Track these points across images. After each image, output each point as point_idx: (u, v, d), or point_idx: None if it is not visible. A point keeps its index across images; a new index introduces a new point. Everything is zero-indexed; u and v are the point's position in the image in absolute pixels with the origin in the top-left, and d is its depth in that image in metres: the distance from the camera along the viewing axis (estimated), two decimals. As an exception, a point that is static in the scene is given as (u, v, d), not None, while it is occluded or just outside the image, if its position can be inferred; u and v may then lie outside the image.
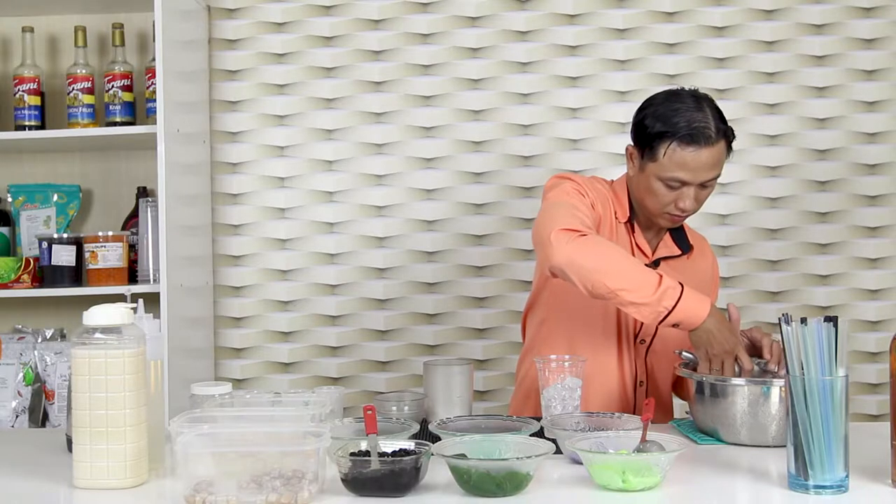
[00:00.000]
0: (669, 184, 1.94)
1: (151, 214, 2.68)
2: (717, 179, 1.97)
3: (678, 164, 1.91)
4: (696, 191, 1.95)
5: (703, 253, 2.17)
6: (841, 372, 1.41)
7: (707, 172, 1.93)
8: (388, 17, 2.88)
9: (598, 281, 1.82)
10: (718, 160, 1.93)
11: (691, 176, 1.92)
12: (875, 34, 2.82)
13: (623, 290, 1.80)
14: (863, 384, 2.81)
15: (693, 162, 1.91)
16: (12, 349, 2.61)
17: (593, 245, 1.85)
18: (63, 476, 1.55)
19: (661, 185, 1.95)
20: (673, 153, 1.91)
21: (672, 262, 2.07)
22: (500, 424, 1.71)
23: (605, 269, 1.82)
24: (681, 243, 2.10)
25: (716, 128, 1.92)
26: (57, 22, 2.90)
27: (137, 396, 1.51)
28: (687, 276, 1.99)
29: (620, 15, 2.85)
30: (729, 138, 1.95)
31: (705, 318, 1.81)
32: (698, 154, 1.90)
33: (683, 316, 1.81)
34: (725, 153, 1.95)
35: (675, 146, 1.91)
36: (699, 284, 1.99)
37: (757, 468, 1.57)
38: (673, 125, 1.91)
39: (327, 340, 2.89)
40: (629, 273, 1.82)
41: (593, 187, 2.05)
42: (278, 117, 2.90)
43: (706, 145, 1.90)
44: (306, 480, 1.39)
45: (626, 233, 2.06)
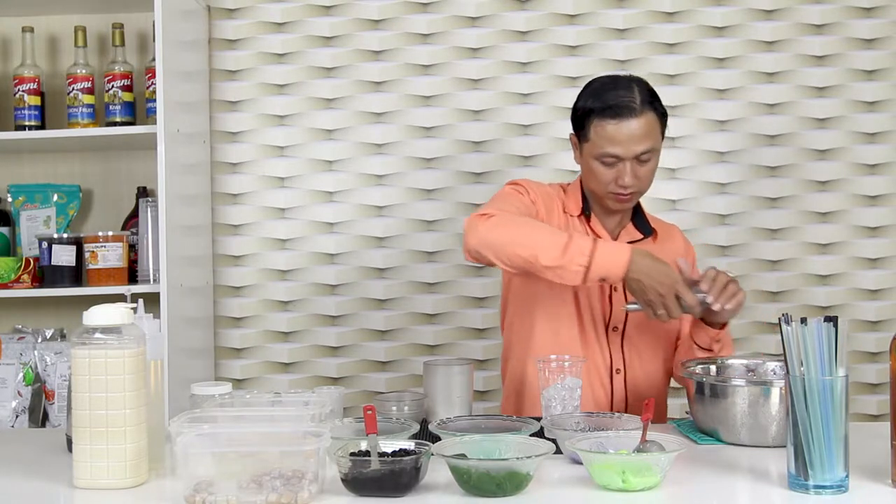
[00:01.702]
0: (604, 160, 1.97)
1: (151, 214, 2.68)
2: (656, 153, 1.98)
3: (606, 138, 1.95)
4: (634, 166, 1.96)
5: (672, 238, 2.16)
6: (841, 372, 1.41)
7: (637, 144, 1.94)
8: (388, 17, 2.88)
9: (511, 253, 1.85)
10: (647, 132, 1.95)
11: (622, 149, 1.95)
12: (875, 34, 2.82)
13: (536, 256, 1.83)
14: (863, 384, 2.81)
15: (619, 134, 1.94)
16: (12, 349, 2.61)
17: (503, 221, 1.89)
18: (63, 476, 1.55)
19: (598, 164, 1.98)
20: (600, 129, 1.95)
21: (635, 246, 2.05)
22: (500, 424, 1.71)
23: (516, 240, 1.85)
24: (642, 228, 2.10)
25: (640, 101, 1.94)
26: (57, 22, 2.90)
27: (137, 396, 1.51)
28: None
29: (620, 15, 2.85)
30: (658, 111, 1.97)
31: (627, 264, 1.81)
32: (624, 126, 1.93)
33: (604, 269, 1.81)
34: (658, 127, 1.97)
35: (601, 121, 1.95)
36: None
37: (757, 468, 1.57)
38: (597, 102, 1.96)
39: (327, 340, 2.89)
40: (539, 238, 1.85)
41: (538, 188, 2.08)
42: (278, 117, 2.90)
43: (630, 117, 1.93)
44: (306, 480, 1.39)
45: (581, 225, 2.07)
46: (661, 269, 1.83)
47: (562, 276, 1.83)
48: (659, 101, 2.00)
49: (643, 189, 2.02)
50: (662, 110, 2.00)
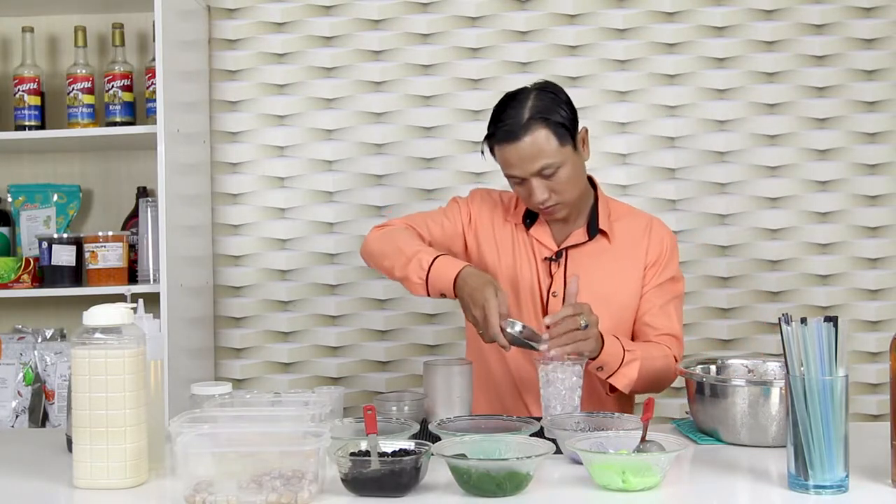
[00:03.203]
0: (513, 181, 2.00)
1: (151, 214, 2.68)
2: (558, 164, 1.94)
3: (504, 162, 1.98)
4: (541, 182, 1.96)
5: (636, 232, 2.09)
6: (841, 372, 1.41)
7: (530, 163, 1.94)
8: (388, 17, 2.88)
9: (379, 264, 2.01)
10: (536, 150, 1.93)
11: (519, 170, 1.97)
12: (875, 34, 2.82)
13: (392, 268, 1.96)
14: (863, 384, 2.81)
15: (511, 157, 1.96)
16: (12, 349, 2.61)
17: (385, 233, 2.02)
18: (63, 476, 1.55)
19: (513, 184, 2.02)
20: (497, 153, 2.00)
21: (584, 248, 2.05)
22: (500, 424, 1.71)
23: (383, 251, 1.99)
24: (591, 231, 2.07)
25: (525, 120, 1.93)
26: (57, 22, 2.90)
27: (137, 396, 1.51)
28: (601, 259, 2.02)
29: (620, 15, 2.85)
30: (552, 122, 1.93)
31: (454, 280, 1.87)
32: (512, 149, 1.95)
33: (440, 283, 1.90)
34: (552, 139, 1.93)
35: (495, 146, 1.99)
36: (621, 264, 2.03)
37: (757, 468, 1.57)
38: (491, 127, 2.00)
39: (327, 340, 2.89)
40: (396, 252, 1.96)
41: (483, 200, 2.14)
42: (278, 117, 2.90)
43: (513, 140, 1.94)
44: (306, 480, 1.39)
45: (521, 232, 2.09)
46: (481, 295, 1.82)
47: (411, 288, 1.95)
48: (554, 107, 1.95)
49: (566, 199, 1.99)
50: (558, 118, 1.95)
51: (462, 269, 1.88)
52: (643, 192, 2.83)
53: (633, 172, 2.83)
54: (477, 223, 2.12)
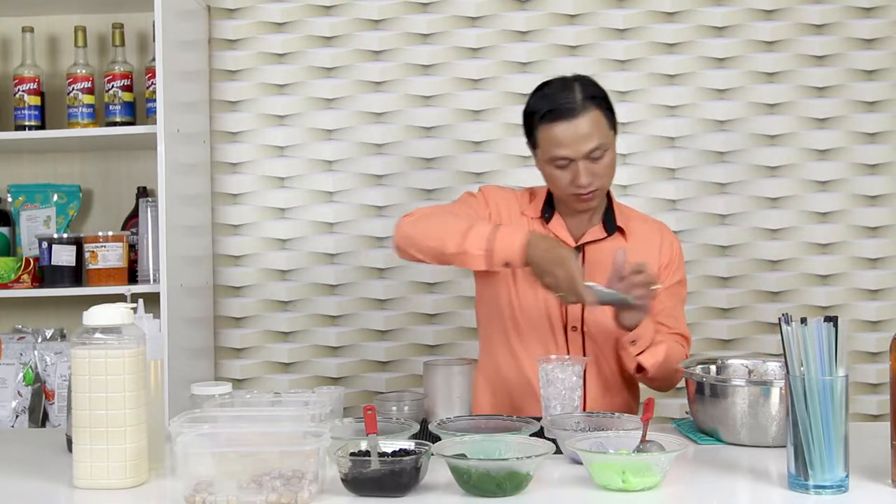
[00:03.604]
0: (557, 164, 1.99)
1: (151, 214, 2.68)
2: (607, 148, 1.98)
3: (553, 142, 1.97)
4: (587, 164, 1.97)
5: (649, 235, 2.13)
6: (841, 372, 1.41)
7: (584, 143, 1.96)
8: (388, 17, 2.88)
9: (424, 245, 1.93)
10: (592, 129, 1.96)
11: (570, 151, 1.96)
12: (875, 34, 2.82)
13: (444, 244, 1.89)
14: (863, 384, 2.81)
15: (564, 136, 1.96)
16: (12, 349, 2.61)
17: (421, 216, 1.98)
18: (63, 476, 1.55)
19: (553, 168, 2.01)
20: (545, 133, 1.98)
21: (600, 245, 2.07)
22: (500, 424, 1.71)
23: (427, 232, 1.93)
24: (609, 227, 2.09)
25: (581, 99, 1.96)
26: (57, 22, 2.90)
27: (137, 396, 1.51)
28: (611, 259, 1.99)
29: (620, 15, 2.85)
30: (603, 106, 1.99)
31: (524, 247, 1.83)
32: (568, 126, 1.95)
33: (504, 253, 1.85)
34: (604, 122, 1.98)
35: (545, 125, 1.98)
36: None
37: (757, 468, 1.57)
38: (539, 108, 2.00)
39: (327, 340, 2.89)
40: (446, 228, 1.91)
41: (499, 195, 2.12)
42: (278, 117, 2.90)
43: (571, 117, 1.95)
44: (306, 480, 1.39)
45: (538, 226, 2.08)
46: (557, 255, 1.83)
47: (467, 262, 1.89)
48: (603, 97, 2.01)
49: (604, 185, 2.03)
50: (608, 105, 2.02)
51: (529, 234, 1.85)
52: (643, 192, 2.83)
53: (633, 172, 2.83)
54: (493, 216, 2.09)
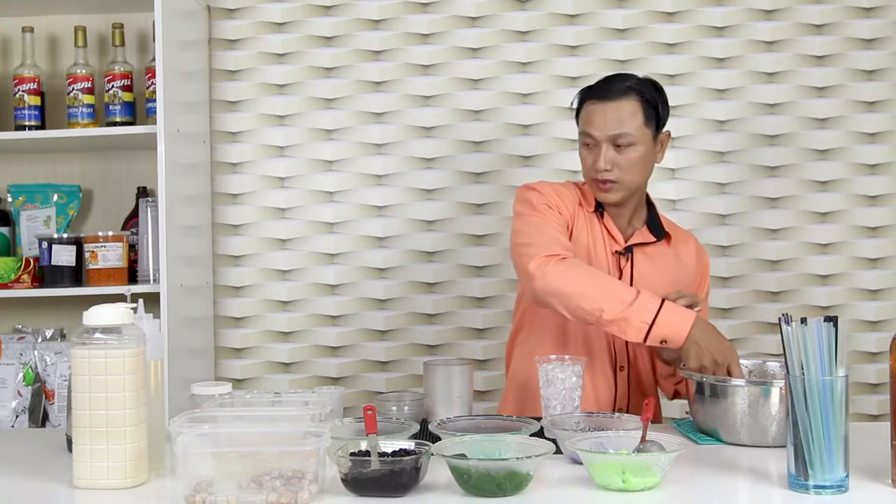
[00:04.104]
0: (585, 143, 2.04)
1: (151, 214, 2.68)
2: (635, 141, 1.99)
3: (586, 118, 2.04)
4: (610, 150, 2.00)
5: (688, 246, 2.17)
6: (841, 372, 1.41)
7: (612, 126, 1.99)
8: (388, 17, 2.88)
9: (577, 306, 1.87)
10: (623, 115, 1.99)
11: (597, 130, 2.00)
12: (875, 34, 2.82)
13: (601, 310, 1.85)
14: (863, 384, 2.81)
15: (596, 115, 2.01)
16: (12, 349, 2.61)
17: (571, 269, 1.90)
18: (63, 476, 1.55)
19: (582, 148, 2.05)
20: (584, 110, 2.06)
21: (646, 249, 2.09)
22: (500, 424, 1.71)
23: (583, 292, 1.87)
24: (655, 231, 2.12)
25: (624, 86, 2.01)
26: (57, 22, 2.90)
27: (137, 396, 1.51)
28: (662, 263, 2.06)
29: (620, 15, 2.85)
30: (645, 98, 2.01)
31: (690, 329, 1.82)
32: (601, 107, 2.01)
33: (667, 331, 1.83)
34: (640, 115, 2.00)
35: (586, 103, 2.05)
36: (677, 273, 2.07)
37: (757, 468, 1.57)
38: (589, 88, 2.07)
39: (327, 340, 2.89)
40: (606, 291, 1.87)
41: (559, 192, 2.10)
42: (278, 117, 2.90)
43: (608, 99, 2.01)
44: (306, 480, 1.39)
45: (597, 221, 2.10)
46: (717, 342, 1.84)
47: (624, 330, 1.85)
48: (654, 93, 2.03)
49: (625, 180, 2.02)
50: (654, 103, 2.02)
51: (694, 321, 1.84)
52: (643, 192, 2.83)
53: (633, 172, 2.83)
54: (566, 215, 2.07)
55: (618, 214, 2.10)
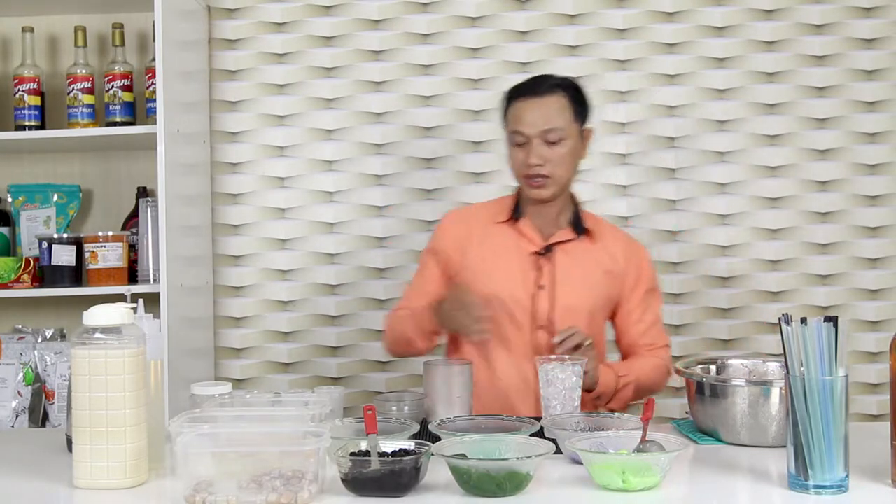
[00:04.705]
0: (516, 140, 2.08)
1: (151, 214, 2.68)
2: (565, 136, 2.06)
3: (515, 117, 2.09)
4: (542, 146, 2.05)
5: (617, 241, 2.20)
6: (841, 372, 1.41)
7: (543, 122, 2.05)
8: (388, 17, 2.88)
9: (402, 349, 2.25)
10: (553, 111, 2.06)
11: (528, 127, 2.05)
12: (875, 34, 2.82)
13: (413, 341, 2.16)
14: (863, 384, 2.81)
15: (526, 112, 2.07)
16: (12, 349, 2.61)
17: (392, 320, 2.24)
18: (63, 476, 1.55)
19: (512, 147, 2.10)
20: (511, 110, 2.11)
21: (568, 247, 2.14)
22: (500, 424, 1.71)
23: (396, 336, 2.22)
24: (577, 228, 2.16)
25: (551, 83, 2.08)
26: (57, 22, 2.90)
27: (137, 396, 1.51)
28: (586, 259, 2.12)
29: (620, 15, 2.85)
30: (571, 95, 2.08)
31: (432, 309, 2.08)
32: (530, 104, 2.07)
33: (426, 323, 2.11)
34: (568, 110, 2.07)
35: (512, 103, 2.11)
36: (606, 267, 2.13)
37: (757, 468, 1.57)
38: (513, 88, 2.13)
39: (327, 340, 2.89)
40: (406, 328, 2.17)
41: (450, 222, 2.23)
42: (278, 117, 2.90)
43: (537, 96, 2.07)
44: (306, 480, 1.39)
45: (508, 228, 2.16)
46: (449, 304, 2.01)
47: (429, 345, 2.16)
48: (576, 90, 2.11)
49: (557, 175, 2.08)
50: (580, 100, 2.09)
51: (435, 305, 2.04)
52: (643, 192, 2.83)
53: (633, 172, 2.83)
54: (452, 251, 2.18)
55: (541, 214, 2.15)
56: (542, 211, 2.15)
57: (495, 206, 2.22)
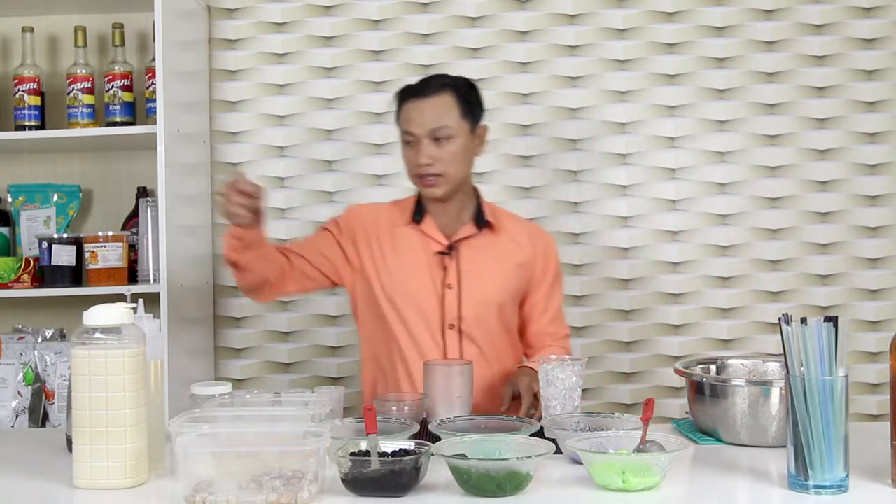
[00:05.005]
0: (407, 140, 2.12)
1: (151, 214, 2.68)
2: (454, 134, 2.09)
3: (405, 118, 2.13)
4: (431, 146, 2.09)
5: (522, 231, 2.22)
6: (841, 372, 1.41)
7: (430, 121, 2.09)
8: (388, 17, 2.88)
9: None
10: (440, 110, 2.09)
11: (417, 127, 2.09)
12: (875, 34, 2.82)
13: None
14: (863, 384, 2.81)
15: (414, 112, 2.11)
16: (12, 349, 2.61)
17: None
18: (63, 476, 1.55)
19: (404, 147, 2.13)
20: (402, 110, 2.14)
21: (472, 243, 2.16)
22: (500, 424, 1.71)
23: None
24: (479, 222, 2.18)
25: (440, 83, 2.13)
26: (57, 22, 2.90)
27: (137, 396, 1.51)
28: (492, 252, 2.14)
29: (620, 15, 2.85)
30: (460, 94, 2.11)
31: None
32: (419, 104, 2.11)
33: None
34: (456, 109, 2.10)
35: (403, 103, 2.14)
36: (514, 257, 2.15)
37: (757, 468, 1.57)
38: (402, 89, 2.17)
39: (327, 340, 2.89)
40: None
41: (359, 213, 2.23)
42: (278, 117, 2.90)
43: (425, 96, 2.10)
44: (306, 480, 1.39)
45: (411, 230, 2.17)
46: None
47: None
48: (468, 90, 2.14)
49: (448, 173, 2.11)
50: (467, 98, 2.12)
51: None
52: (643, 192, 2.83)
53: (633, 172, 2.83)
54: (359, 237, 2.18)
55: (442, 213, 2.17)
56: (443, 210, 2.17)
57: (396, 209, 2.23)
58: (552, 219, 2.83)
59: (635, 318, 2.84)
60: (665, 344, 2.83)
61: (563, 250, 2.83)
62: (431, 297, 2.12)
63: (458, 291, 2.12)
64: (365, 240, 2.18)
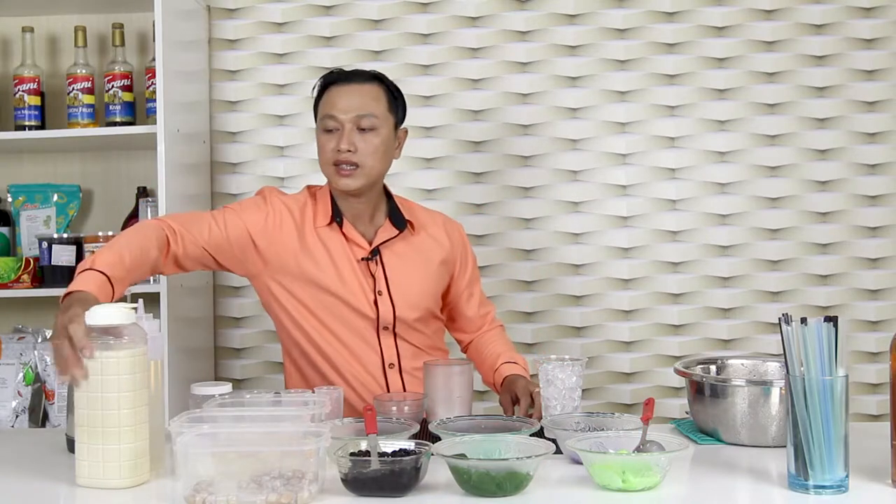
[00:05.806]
0: (327, 126, 2.04)
1: (151, 214, 2.68)
2: (378, 125, 2.04)
3: (329, 102, 2.05)
4: (354, 133, 2.03)
5: (436, 225, 2.20)
6: (841, 372, 1.41)
7: (358, 107, 2.03)
8: (388, 17, 2.88)
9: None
10: (367, 98, 2.04)
11: (342, 111, 2.03)
12: (875, 34, 2.82)
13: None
14: (863, 384, 2.81)
15: (340, 97, 2.04)
16: (12, 349, 2.61)
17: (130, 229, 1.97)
18: (63, 476, 1.55)
19: (322, 134, 2.06)
20: (326, 95, 2.07)
21: (394, 246, 2.11)
22: (500, 424, 1.71)
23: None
24: (397, 223, 2.13)
25: (369, 73, 2.09)
26: (57, 22, 2.90)
27: (137, 396, 1.51)
28: (415, 253, 2.12)
29: (620, 15, 2.85)
30: (389, 87, 2.09)
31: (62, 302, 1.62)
32: (346, 89, 2.04)
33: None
34: (383, 100, 2.07)
35: (328, 88, 2.07)
36: (436, 254, 2.14)
37: (757, 468, 1.57)
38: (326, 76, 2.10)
39: (327, 340, 2.88)
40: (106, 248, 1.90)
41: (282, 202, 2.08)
42: (278, 117, 2.90)
43: (354, 82, 2.05)
44: (306, 480, 1.39)
45: (334, 234, 2.07)
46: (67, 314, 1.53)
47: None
48: (393, 85, 2.11)
49: (367, 165, 2.03)
50: (394, 94, 2.10)
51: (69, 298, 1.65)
52: (643, 193, 2.83)
53: (633, 172, 2.83)
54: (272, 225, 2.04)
55: (358, 216, 2.10)
56: (357, 212, 2.09)
57: (312, 209, 2.10)
58: (552, 219, 2.83)
59: (635, 318, 2.84)
60: (665, 344, 2.83)
61: (563, 250, 2.85)
62: (365, 302, 2.05)
63: (389, 297, 2.07)
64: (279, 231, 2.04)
